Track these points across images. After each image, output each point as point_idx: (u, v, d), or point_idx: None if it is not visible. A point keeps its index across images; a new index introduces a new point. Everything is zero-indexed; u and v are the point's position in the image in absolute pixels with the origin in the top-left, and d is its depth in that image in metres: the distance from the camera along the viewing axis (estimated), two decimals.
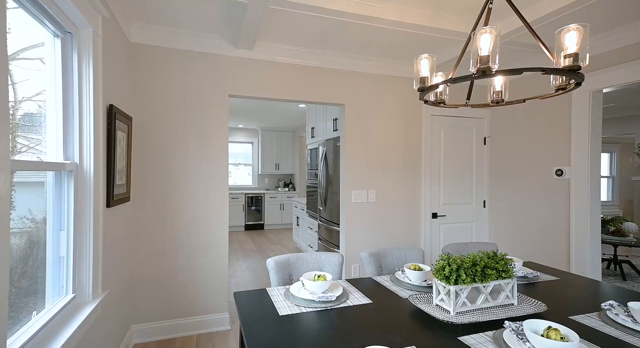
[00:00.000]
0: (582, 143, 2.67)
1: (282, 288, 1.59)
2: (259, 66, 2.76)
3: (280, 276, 1.73)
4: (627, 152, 6.38)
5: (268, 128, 7.65)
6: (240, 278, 3.95)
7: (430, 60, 1.34)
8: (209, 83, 2.63)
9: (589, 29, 1.03)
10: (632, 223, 4.39)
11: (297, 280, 1.76)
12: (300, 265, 1.82)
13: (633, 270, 4.30)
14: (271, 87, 2.79)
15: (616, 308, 1.28)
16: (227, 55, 2.67)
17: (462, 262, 1.27)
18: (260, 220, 7.35)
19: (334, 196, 3.65)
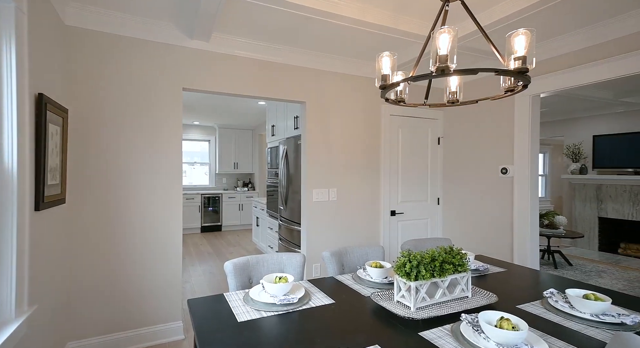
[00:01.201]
0: (523, 144, 2.90)
1: (241, 293, 1.50)
2: (217, 59, 2.62)
3: (239, 280, 1.64)
4: (557, 153, 7.13)
5: (226, 126, 7.37)
6: (196, 283, 3.73)
7: (391, 58, 1.34)
8: (161, 75, 2.44)
9: (535, 34, 1.10)
10: (562, 217, 4.90)
11: (258, 283, 1.68)
12: (260, 267, 1.74)
13: (563, 259, 4.81)
14: (229, 82, 2.66)
15: (556, 295, 1.39)
16: (181, 46, 2.50)
17: (422, 258, 1.29)
18: (218, 221, 7.05)
19: (295, 195, 3.60)
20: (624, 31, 2.20)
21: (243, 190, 7.42)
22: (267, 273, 1.72)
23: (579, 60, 2.47)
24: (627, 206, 5.13)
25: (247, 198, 7.34)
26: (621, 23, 2.18)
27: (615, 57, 2.25)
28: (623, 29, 2.20)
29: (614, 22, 2.20)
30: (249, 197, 7.36)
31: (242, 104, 5.20)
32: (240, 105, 5.30)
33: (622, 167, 5.14)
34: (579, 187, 5.74)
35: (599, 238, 5.49)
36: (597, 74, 2.36)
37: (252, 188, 7.67)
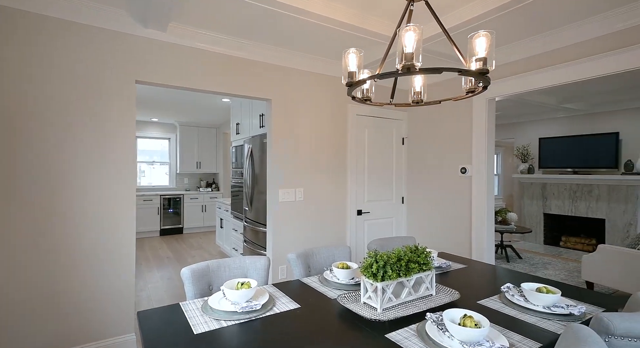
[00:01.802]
0: (480, 144, 3.05)
1: (200, 301, 1.40)
2: (176, 51, 2.45)
3: (198, 287, 1.53)
4: (508, 154, 7.66)
5: (188, 123, 7.01)
6: (153, 291, 3.49)
7: (358, 55, 1.32)
8: (112, 66, 2.23)
9: (495, 36, 1.13)
10: (514, 214, 5.26)
11: (219, 290, 1.58)
12: (221, 272, 1.64)
13: (514, 252, 5.16)
14: (190, 76, 2.50)
15: (512, 289, 1.45)
16: (134, 35, 2.30)
17: (389, 258, 1.28)
18: (179, 223, 6.69)
19: (260, 196, 3.49)
20: (569, 41, 2.37)
21: (206, 190, 7.12)
22: (229, 279, 1.63)
23: (531, 66, 2.64)
24: (568, 203, 5.62)
25: (211, 199, 7.05)
26: (567, 32, 2.35)
27: (560, 64, 2.43)
28: (569, 39, 2.37)
29: (559, 31, 2.37)
30: (213, 198, 7.07)
31: (205, 100, 4.96)
32: (202, 101, 5.06)
33: (563, 167, 5.63)
34: (527, 185, 6.20)
35: (544, 232, 5.96)
36: (546, 80, 2.53)
37: (216, 189, 7.38)
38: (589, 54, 2.29)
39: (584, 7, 2.06)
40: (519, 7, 2.01)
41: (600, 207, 5.21)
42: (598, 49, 2.25)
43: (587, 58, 2.28)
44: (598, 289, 3.59)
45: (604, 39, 2.22)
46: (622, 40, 2.14)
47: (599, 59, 2.23)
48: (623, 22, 2.11)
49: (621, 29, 2.14)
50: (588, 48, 2.30)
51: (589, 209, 5.35)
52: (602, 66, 2.23)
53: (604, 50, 2.22)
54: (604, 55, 2.20)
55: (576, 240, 5.64)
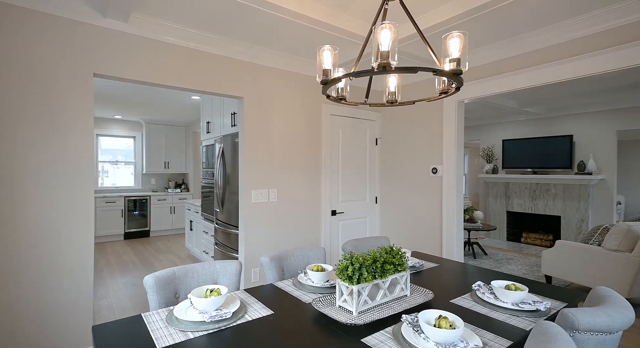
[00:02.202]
0: (450, 145, 3.14)
1: (165, 311, 1.30)
2: (139, 44, 2.29)
3: (163, 296, 1.42)
4: (474, 155, 8.02)
5: (155, 121, 6.67)
6: (116, 299, 3.26)
7: (333, 52, 1.29)
8: (66, 57, 2.04)
9: (468, 37, 1.15)
10: (480, 212, 5.49)
11: (186, 298, 1.49)
12: (189, 279, 1.55)
13: (480, 249, 5.39)
14: (155, 71, 2.36)
15: (482, 287, 1.48)
16: (92, 25, 2.12)
17: (364, 260, 1.26)
18: (146, 226, 6.35)
19: (232, 196, 3.38)
20: (532, 47, 2.49)
21: (175, 191, 6.81)
22: (198, 286, 1.54)
23: (497, 70, 2.74)
24: (528, 201, 5.96)
25: (180, 201, 6.76)
26: (529, 39, 2.47)
27: (524, 69, 2.54)
28: (531, 45, 2.49)
29: (522, 38, 2.48)
30: (182, 199, 6.78)
31: (173, 97, 4.73)
32: (170, 98, 4.82)
33: (524, 167, 5.96)
34: (491, 185, 6.51)
35: (507, 229, 6.28)
36: (511, 84, 2.65)
37: (185, 190, 7.08)
38: (549, 60, 2.42)
39: (543, 16, 2.17)
40: (485, 13, 2.07)
41: (556, 205, 5.57)
42: (556, 56, 2.38)
43: (548, 64, 2.41)
44: (556, 282, 3.83)
45: (561, 46, 2.35)
46: (578, 48, 2.27)
47: (558, 65, 2.36)
48: (577, 31, 2.25)
49: (576, 38, 2.28)
50: (548, 54, 2.43)
51: (546, 207, 5.70)
52: (559, 72, 2.36)
53: (562, 57, 2.35)
54: (561, 61, 2.33)
55: (535, 236, 5.99)
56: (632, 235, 3.02)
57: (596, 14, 2.11)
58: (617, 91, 4.31)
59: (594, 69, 2.20)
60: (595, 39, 2.19)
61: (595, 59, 2.19)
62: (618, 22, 2.08)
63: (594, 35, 2.20)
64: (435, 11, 2.19)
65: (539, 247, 5.74)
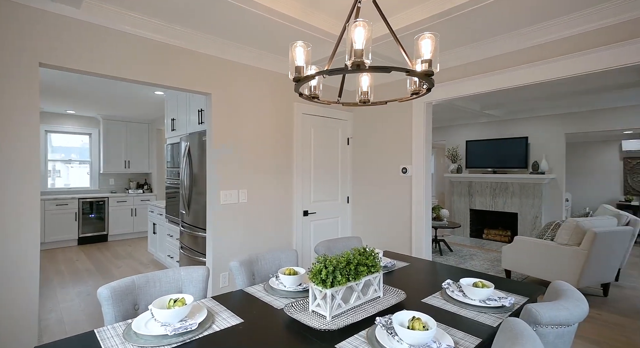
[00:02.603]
0: (419, 146, 3.22)
1: (123, 325, 1.19)
2: (94, 33, 2.10)
3: (120, 308, 1.30)
4: (440, 155, 8.35)
5: (113, 117, 6.24)
6: (67, 311, 2.99)
7: (305, 49, 1.25)
8: (5, 43, 1.82)
9: (439, 38, 1.16)
10: (446, 210, 5.71)
11: (146, 309, 1.38)
12: (150, 288, 1.43)
13: (446, 246, 5.61)
14: (113, 63, 2.18)
15: (452, 285, 1.52)
16: (37, 8, 1.91)
17: (338, 262, 1.23)
18: (103, 230, 5.92)
19: (199, 197, 3.22)
20: (496, 51, 2.61)
21: (137, 192, 6.41)
22: (160, 296, 1.43)
23: (464, 73, 2.84)
24: (489, 199, 6.30)
25: (142, 202, 6.37)
26: (493, 44, 2.58)
27: (487, 73, 2.66)
28: (495, 50, 2.61)
29: (488, 43, 2.59)
30: (145, 201, 6.41)
31: (134, 92, 4.44)
32: (131, 93, 4.51)
33: (485, 167, 6.30)
34: (456, 184, 6.80)
35: (470, 226, 6.60)
36: (476, 87, 2.76)
37: (148, 190, 6.70)
38: (512, 65, 2.54)
39: (506, 23, 2.28)
40: (451, 17, 2.13)
41: (514, 202, 5.94)
42: (516, 62, 2.51)
43: (510, 68, 2.53)
44: (514, 276, 4.07)
45: (521, 52, 2.49)
46: (535, 55, 2.41)
47: (518, 70, 2.49)
48: (535, 39, 2.39)
49: (534, 45, 2.42)
50: (511, 59, 2.55)
51: (505, 204, 6.05)
52: (521, 76, 2.49)
53: (522, 62, 2.48)
54: (521, 67, 2.47)
55: (495, 232, 6.35)
56: (580, 230, 3.28)
57: (552, 23, 2.24)
58: (566, 97, 4.67)
59: (550, 74, 2.34)
60: (553, 46, 2.34)
61: (551, 65, 2.34)
62: (569, 32, 2.23)
63: (553, 43, 2.34)
64: (404, 14, 2.23)
65: (499, 243, 6.08)
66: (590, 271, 3.18)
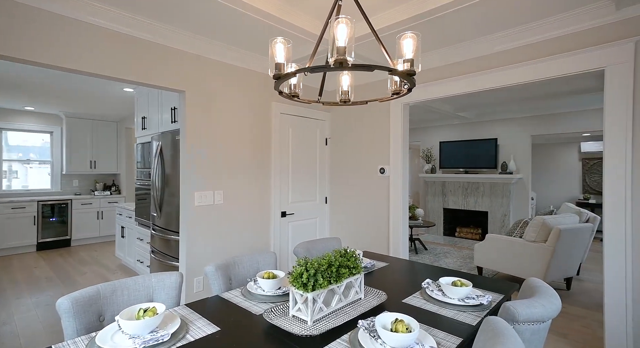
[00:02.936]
0: (397, 146, 3.26)
1: (85, 339, 1.09)
2: (56, 23, 1.94)
3: (83, 320, 1.20)
4: (415, 155, 8.56)
5: (78, 114, 5.86)
6: (23, 324, 2.75)
7: (286, 45, 1.21)
8: None
9: (420, 38, 1.16)
10: (421, 210, 5.85)
11: (113, 321, 1.28)
12: (118, 297, 1.33)
13: (421, 245, 5.75)
14: (78, 57, 2.02)
15: (431, 285, 1.53)
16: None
17: (319, 265, 1.20)
18: (65, 234, 5.54)
19: (172, 199, 3.08)
20: (470, 55, 2.69)
21: (104, 194, 6.06)
22: (129, 305, 1.33)
23: (440, 75, 2.90)
24: (461, 198, 6.53)
25: (110, 205, 6.03)
26: (467, 48, 2.66)
27: (461, 76, 2.73)
28: (469, 53, 2.68)
29: (463, 46, 2.66)
30: (112, 203, 6.07)
31: (101, 88, 4.18)
32: (97, 89, 4.25)
33: (457, 167, 6.52)
34: (430, 184, 6.99)
35: (443, 225, 6.80)
36: (450, 89, 2.82)
37: (116, 192, 6.35)
38: (485, 68, 2.62)
39: (478, 28, 2.35)
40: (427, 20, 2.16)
41: (484, 201, 6.18)
42: (489, 65, 2.59)
43: (484, 71, 2.61)
44: (485, 272, 4.22)
45: (490, 57, 2.57)
46: (505, 60, 2.50)
47: (491, 74, 2.58)
48: (501, 45, 2.48)
49: (503, 50, 2.51)
50: (485, 63, 2.63)
51: (476, 203, 6.29)
52: (494, 79, 2.57)
53: (492, 66, 2.57)
54: (492, 70, 2.55)
55: (467, 230, 6.58)
56: (546, 227, 3.45)
57: (519, 29, 2.33)
58: (532, 100, 4.92)
59: (518, 79, 2.44)
60: (520, 52, 2.43)
61: (519, 70, 2.43)
62: (534, 39, 2.34)
63: (519, 48, 2.44)
64: (380, 15, 2.24)
65: (471, 241, 6.31)
66: (556, 266, 3.36)
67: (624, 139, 2.02)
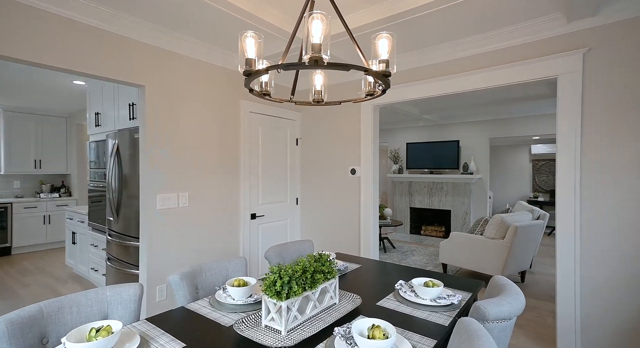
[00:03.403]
0: (367, 147, 3.29)
1: None
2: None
3: (21, 345, 1.05)
4: (383, 156, 8.76)
5: (19, 108, 5.28)
6: None
7: (257, 40, 1.14)
8: None
9: (396, 39, 1.15)
10: (389, 209, 5.99)
11: (60, 343, 1.13)
12: (65, 316, 1.19)
13: (389, 243, 5.88)
14: (19, 43, 1.79)
15: (404, 286, 1.54)
16: None
17: (294, 271, 1.15)
18: (5, 241, 4.97)
19: (131, 202, 2.86)
20: (437, 59, 2.77)
21: (51, 196, 5.52)
22: (80, 324, 1.19)
23: (408, 78, 2.96)
24: (426, 198, 6.78)
25: (58, 208, 5.51)
26: (434, 52, 2.73)
27: (428, 79, 2.81)
28: (436, 58, 2.76)
29: (430, 51, 2.73)
30: (61, 206, 5.54)
31: (47, 80, 3.79)
32: (42, 81, 3.84)
33: (423, 168, 6.76)
34: (398, 184, 7.19)
35: (410, 224, 7.03)
36: (418, 92, 2.89)
37: (66, 194, 5.82)
38: (449, 73, 2.71)
39: (445, 33, 2.42)
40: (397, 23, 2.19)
41: (448, 201, 6.47)
42: (454, 70, 2.69)
43: (449, 76, 2.70)
44: (449, 269, 4.41)
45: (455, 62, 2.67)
46: (466, 66, 2.61)
47: (456, 78, 2.67)
48: (463, 51, 2.59)
49: (464, 57, 2.62)
50: (450, 67, 2.73)
51: (440, 202, 6.56)
52: (458, 84, 2.67)
53: (457, 71, 2.67)
54: (458, 75, 2.65)
55: (432, 228, 6.85)
56: (504, 225, 3.67)
57: (481, 37, 2.44)
58: (490, 105, 5.22)
59: (481, 84, 2.55)
60: (482, 59, 2.55)
61: (480, 76, 2.55)
62: (494, 47, 2.46)
63: (481, 55, 2.55)
64: (351, 16, 2.23)
65: (435, 238, 6.57)
66: (512, 261, 3.58)
67: (574, 141, 2.18)
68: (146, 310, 2.41)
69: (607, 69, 2.06)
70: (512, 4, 2.01)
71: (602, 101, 2.09)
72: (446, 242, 4.06)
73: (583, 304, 2.14)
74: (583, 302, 2.14)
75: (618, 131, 2.03)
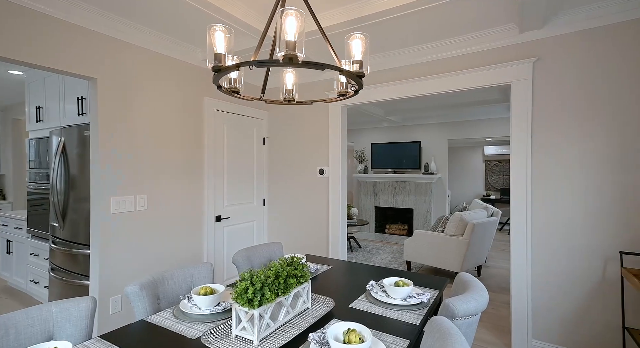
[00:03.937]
0: (335, 147, 3.30)
1: None
2: None
3: None
4: (349, 156, 8.89)
5: None
6: None
7: (226, 35, 1.08)
8: None
9: (369, 40, 1.15)
10: (355, 209, 6.08)
11: None
12: (1, 339, 1.03)
13: (356, 243, 5.97)
14: None
15: (375, 287, 1.55)
16: None
17: (266, 277, 1.10)
18: None
19: (79, 206, 2.60)
20: (401, 63, 2.84)
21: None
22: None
23: (375, 80, 3.01)
24: (390, 197, 6.99)
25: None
26: (399, 56, 2.81)
27: (393, 82, 2.89)
28: (401, 61, 2.84)
29: (395, 54, 2.80)
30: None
31: None
32: None
33: (387, 167, 6.96)
34: (363, 183, 7.33)
35: (375, 222, 7.20)
36: (384, 94, 2.96)
37: (0, 198, 5.18)
38: (412, 76, 2.80)
39: (413, 37, 2.50)
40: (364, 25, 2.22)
41: (410, 200, 6.72)
42: (418, 73, 2.78)
43: (413, 79, 2.79)
44: (413, 266, 4.57)
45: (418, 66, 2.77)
46: (427, 70, 2.72)
47: (419, 81, 2.77)
48: (424, 56, 2.70)
49: (427, 61, 2.73)
50: (412, 71, 2.82)
51: (403, 201, 6.80)
52: (420, 87, 2.77)
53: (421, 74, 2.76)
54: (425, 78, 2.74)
55: (396, 227, 7.07)
56: (463, 223, 3.88)
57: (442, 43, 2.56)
58: (448, 108, 5.51)
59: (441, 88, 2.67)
60: (442, 64, 2.67)
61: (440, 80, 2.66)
62: (453, 53, 2.59)
63: (441, 60, 2.67)
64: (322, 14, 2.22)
65: (399, 236, 6.79)
66: (470, 256, 3.80)
67: (525, 143, 2.36)
68: (99, 327, 2.20)
69: (554, 77, 2.25)
70: (470, 13, 2.12)
71: (549, 106, 2.27)
72: (410, 240, 4.21)
73: (534, 296, 2.32)
74: (534, 294, 2.32)
75: (565, 133, 2.22)
